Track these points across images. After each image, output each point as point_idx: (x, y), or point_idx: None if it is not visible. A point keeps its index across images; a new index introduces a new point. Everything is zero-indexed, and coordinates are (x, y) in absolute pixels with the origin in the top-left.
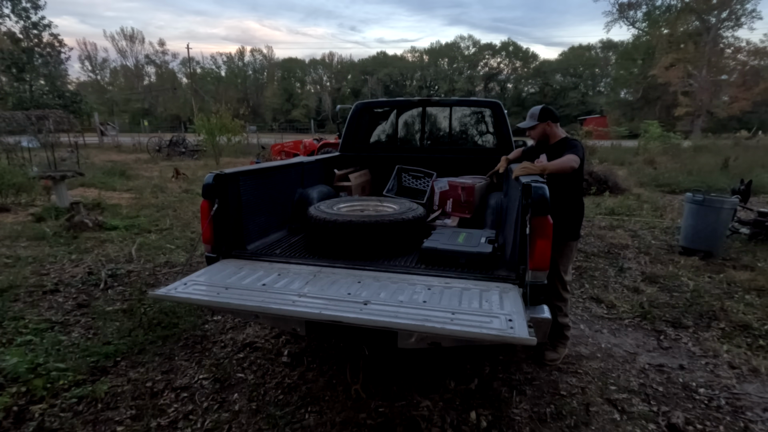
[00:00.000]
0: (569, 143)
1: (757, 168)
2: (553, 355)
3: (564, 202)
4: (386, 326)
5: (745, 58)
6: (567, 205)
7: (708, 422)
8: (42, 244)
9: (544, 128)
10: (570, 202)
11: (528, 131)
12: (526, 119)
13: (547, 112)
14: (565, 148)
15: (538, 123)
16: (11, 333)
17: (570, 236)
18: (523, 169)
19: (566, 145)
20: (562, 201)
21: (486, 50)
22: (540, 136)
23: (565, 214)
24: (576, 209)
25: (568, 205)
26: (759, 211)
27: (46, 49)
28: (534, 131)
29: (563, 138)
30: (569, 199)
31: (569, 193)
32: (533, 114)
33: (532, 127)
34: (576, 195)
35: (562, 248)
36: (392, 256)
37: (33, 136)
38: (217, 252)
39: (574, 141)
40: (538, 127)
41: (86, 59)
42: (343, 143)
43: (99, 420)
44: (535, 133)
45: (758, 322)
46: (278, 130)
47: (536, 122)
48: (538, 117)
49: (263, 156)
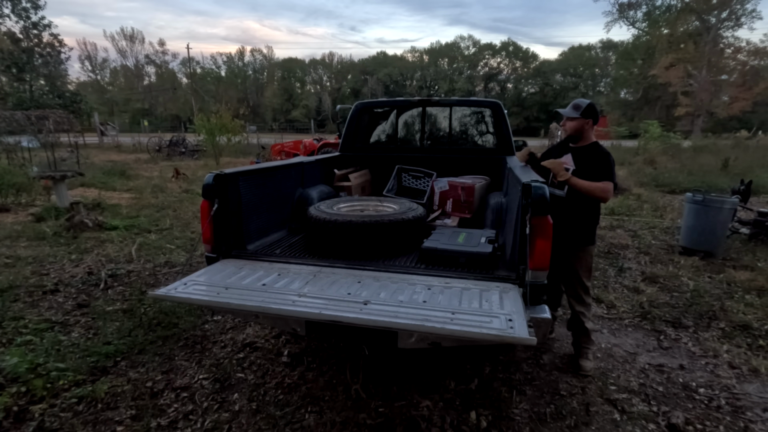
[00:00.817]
0: (600, 154)
1: (757, 168)
2: (588, 363)
3: (581, 206)
4: (386, 326)
5: (745, 58)
6: (584, 209)
7: (708, 422)
8: (42, 244)
9: (583, 125)
10: (587, 207)
11: (564, 120)
12: (568, 108)
13: (593, 110)
14: (596, 159)
15: (580, 117)
16: (11, 333)
17: (587, 241)
18: (553, 165)
19: (597, 156)
20: (579, 206)
21: (486, 50)
22: (574, 131)
23: (581, 218)
24: (593, 214)
25: (585, 210)
26: (759, 211)
27: (46, 49)
28: (571, 123)
29: (594, 143)
30: (586, 204)
31: (586, 198)
32: (578, 106)
33: (571, 118)
34: (593, 200)
35: (580, 253)
36: (392, 256)
37: (33, 136)
38: (217, 252)
39: (606, 153)
40: (577, 121)
41: (86, 59)
42: (343, 143)
43: (99, 420)
44: (571, 125)
45: (758, 322)
46: (278, 130)
47: (578, 115)
48: (582, 111)
49: (263, 156)
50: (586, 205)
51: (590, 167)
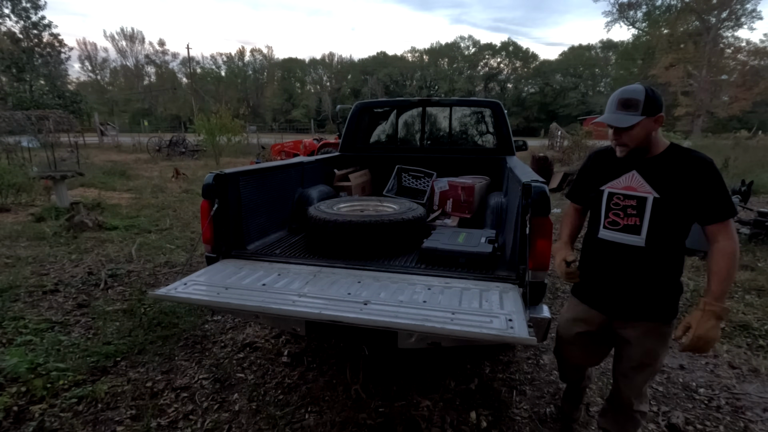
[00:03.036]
0: (697, 164)
1: (757, 168)
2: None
3: (668, 260)
4: (386, 326)
5: (745, 58)
6: (671, 265)
7: (708, 422)
8: (42, 244)
9: (650, 127)
10: (675, 260)
11: (616, 134)
12: (614, 106)
13: (657, 98)
14: (692, 174)
15: (643, 118)
16: (11, 333)
17: (673, 310)
18: (697, 341)
19: (692, 169)
20: (665, 259)
21: (486, 50)
22: (639, 143)
23: (667, 278)
24: (678, 268)
25: (673, 265)
26: (759, 211)
27: (46, 49)
28: (630, 133)
29: (673, 147)
30: (675, 255)
31: (676, 246)
32: (630, 101)
33: (628, 127)
34: (681, 248)
35: (665, 329)
36: (392, 256)
37: (33, 136)
38: (217, 252)
39: (708, 162)
40: (639, 125)
41: (86, 59)
42: (343, 143)
43: (99, 420)
44: (633, 135)
45: (758, 322)
46: (278, 130)
47: (639, 116)
48: (642, 107)
49: (263, 156)
50: (676, 258)
51: (683, 188)
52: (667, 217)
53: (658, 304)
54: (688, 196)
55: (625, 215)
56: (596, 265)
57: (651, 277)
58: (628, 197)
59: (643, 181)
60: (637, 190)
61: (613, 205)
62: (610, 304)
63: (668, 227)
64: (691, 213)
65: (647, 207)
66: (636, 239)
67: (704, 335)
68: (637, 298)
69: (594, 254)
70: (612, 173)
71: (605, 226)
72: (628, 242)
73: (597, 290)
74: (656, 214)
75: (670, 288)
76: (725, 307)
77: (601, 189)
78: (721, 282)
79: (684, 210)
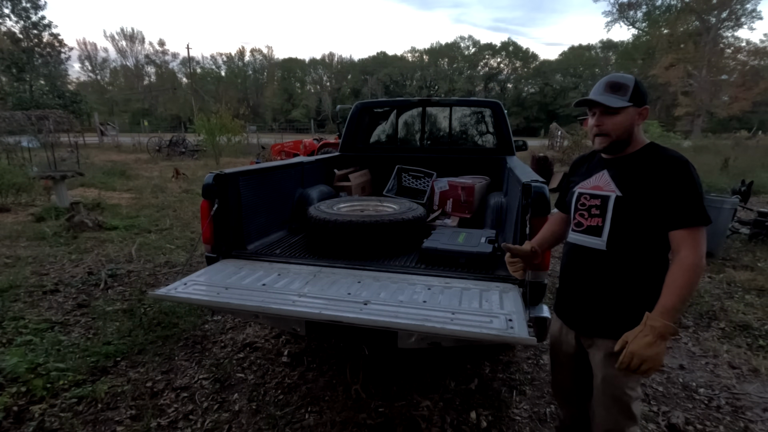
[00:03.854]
0: (671, 165)
1: (757, 168)
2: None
3: (636, 268)
4: (386, 326)
5: (745, 58)
6: (641, 274)
7: (708, 422)
8: (42, 244)
9: (633, 119)
10: (647, 270)
11: (597, 117)
12: (601, 89)
13: (644, 90)
14: (663, 176)
15: (630, 105)
16: (11, 333)
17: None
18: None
19: (665, 171)
20: (632, 267)
21: (486, 50)
22: (621, 133)
23: (636, 289)
24: (656, 280)
25: (644, 275)
26: (759, 211)
27: (46, 49)
28: (615, 119)
29: (651, 146)
30: (646, 264)
31: (647, 253)
32: (619, 85)
33: (615, 109)
34: (657, 257)
35: (608, 365)
36: (392, 256)
37: (33, 136)
38: (217, 252)
39: (683, 162)
40: (625, 112)
41: (86, 59)
42: (343, 143)
43: (99, 420)
44: (617, 122)
45: (758, 322)
46: (278, 130)
47: (626, 102)
48: (631, 93)
49: (263, 156)
50: (645, 266)
51: (649, 187)
52: (629, 218)
53: (621, 319)
54: (653, 196)
55: (589, 215)
56: (564, 273)
57: (613, 285)
58: (593, 197)
59: (610, 179)
60: (602, 189)
61: (580, 206)
62: (575, 317)
63: (632, 230)
64: (656, 215)
65: (609, 206)
66: (597, 241)
67: (638, 352)
68: (599, 309)
69: (564, 261)
70: (586, 174)
71: (572, 229)
72: (590, 245)
73: (565, 301)
74: (618, 214)
75: (637, 301)
76: (670, 326)
77: (573, 190)
78: (672, 295)
79: (648, 211)
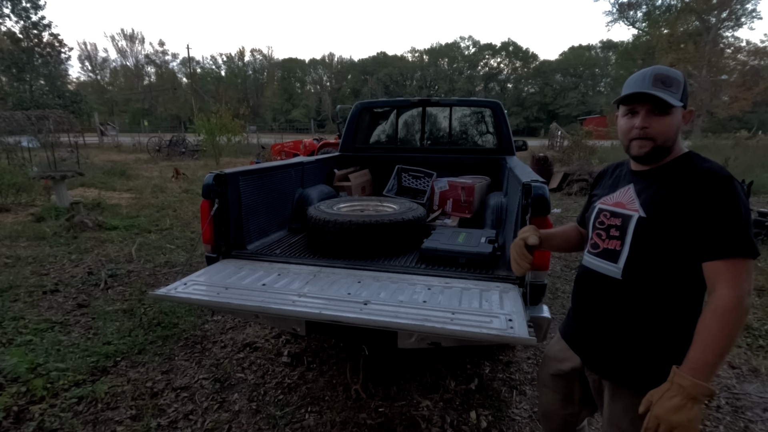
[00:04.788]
0: (712, 184)
1: (757, 168)
2: None
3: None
4: (386, 326)
5: (745, 58)
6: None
7: (708, 422)
8: (42, 244)
9: (680, 123)
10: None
11: (645, 121)
12: (649, 82)
13: (688, 91)
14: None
15: (681, 105)
16: (11, 333)
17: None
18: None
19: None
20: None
21: (486, 50)
22: (668, 138)
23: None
24: (683, 320)
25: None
26: (759, 211)
27: (46, 49)
28: (664, 121)
29: (686, 155)
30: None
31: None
32: (672, 79)
33: (665, 109)
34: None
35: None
36: (392, 256)
37: (33, 136)
38: (217, 252)
39: (727, 178)
40: (675, 113)
41: (86, 59)
42: (343, 143)
43: (99, 420)
44: (666, 125)
45: (758, 322)
46: (278, 130)
47: (679, 100)
48: (682, 92)
49: (263, 156)
50: (671, 304)
51: (679, 208)
52: (653, 244)
53: (640, 367)
54: (683, 219)
55: (607, 236)
56: (576, 300)
57: (629, 323)
58: (614, 215)
59: (635, 196)
60: (625, 207)
61: (599, 224)
62: (582, 347)
63: (654, 258)
64: (687, 243)
65: (629, 228)
66: (612, 268)
67: (665, 418)
68: (612, 349)
69: (575, 286)
70: (611, 188)
71: (588, 250)
72: (605, 271)
73: (575, 330)
74: (639, 238)
75: (661, 346)
76: (703, 385)
77: (594, 204)
78: (703, 347)
79: (677, 237)
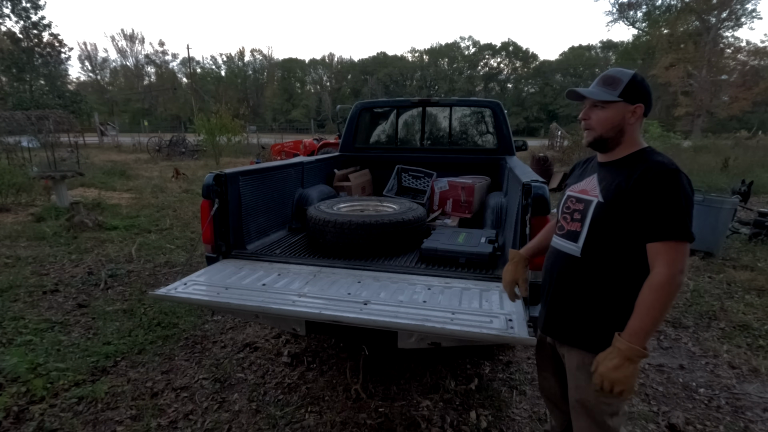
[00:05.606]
0: (660, 176)
1: (757, 168)
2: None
3: (611, 278)
4: (386, 326)
5: (745, 58)
6: (616, 285)
7: (708, 422)
8: (42, 244)
9: (623, 115)
10: (624, 280)
11: (587, 109)
12: (596, 81)
13: (643, 88)
14: (650, 187)
15: (620, 101)
16: (11, 333)
17: (596, 343)
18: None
19: (652, 180)
20: (607, 276)
21: (486, 50)
22: (607, 129)
23: (610, 300)
24: (630, 292)
25: (619, 286)
26: (759, 211)
27: (46, 49)
28: (600, 114)
29: (644, 152)
30: (623, 274)
31: (623, 262)
32: (613, 79)
33: (602, 102)
34: (635, 267)
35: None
36: (392, 256)
37: (33, 136)
38: (217, 252)
39: (674, 172)
40: (613, 107)
41: (86, 59)
42: (343, 143)
43: (99, 420)
44: (602, 117)
45: (758, 322)
46: (278, 130)
47: (615, 96)
48: (623, 89)
49: (263, 156)
50: (621, 279)
51: (631, 194)
52: (608, 225)
53: (593, 332)
54: (633, 205)
55: (571, 219)
56: (543, 277)
57: (585, 295)
58: (579, 200)
59: (597, 184)
60: (587, 194)
61: (566, 209)
62: (549, 322)
63: (608, 239)
64: (635, 226)
65: (589, 212)
66: (573, 247)
67: (606, 375)
68: (570, 318)
69: (544, 264)
70: (580, 177)
71: (556, 232)
72: (567, 250)
73: (542, 306)
74: (596, 220)
75: (610, 315)
76: (636, 349)
77: (564, 192)
78: (640, 316)
79: (627, 221)
